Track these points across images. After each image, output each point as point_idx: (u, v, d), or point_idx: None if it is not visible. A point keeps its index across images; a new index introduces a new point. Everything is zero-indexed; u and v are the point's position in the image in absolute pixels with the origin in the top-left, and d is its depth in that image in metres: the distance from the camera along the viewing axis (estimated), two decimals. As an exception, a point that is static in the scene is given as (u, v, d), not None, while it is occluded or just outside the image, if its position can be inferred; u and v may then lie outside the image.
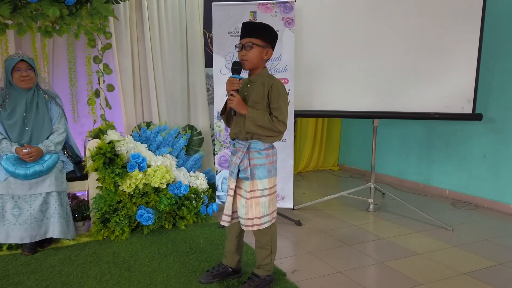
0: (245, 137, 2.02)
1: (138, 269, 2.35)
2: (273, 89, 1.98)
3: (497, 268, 2.45)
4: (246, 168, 2.01)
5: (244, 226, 2.02)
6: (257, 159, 2.01)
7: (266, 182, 2.02)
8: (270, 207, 2.04)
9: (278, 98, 1.97)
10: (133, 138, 3.20)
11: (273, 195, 2.07)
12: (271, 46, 2.03)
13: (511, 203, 3.57)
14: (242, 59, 1.99)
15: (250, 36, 1.97)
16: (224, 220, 2.07)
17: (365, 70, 3.37)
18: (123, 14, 3.51)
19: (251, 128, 1.95)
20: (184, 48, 3.85)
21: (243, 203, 2.01)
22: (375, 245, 2.83)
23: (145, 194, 2.92)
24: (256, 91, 2.01)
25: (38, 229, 2.60)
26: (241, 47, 2.00)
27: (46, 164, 2.62)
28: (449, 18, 3.25)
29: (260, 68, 2.04)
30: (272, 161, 2.06)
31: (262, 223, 2.01)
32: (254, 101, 1.99)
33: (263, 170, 2.01)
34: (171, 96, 3.80)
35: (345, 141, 5.63)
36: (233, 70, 2.00)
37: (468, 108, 3.31)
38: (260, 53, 1.99)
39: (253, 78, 2.05)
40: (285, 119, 1.99)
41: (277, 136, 2.03)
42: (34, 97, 2.80)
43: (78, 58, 3.50)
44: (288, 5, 3.10)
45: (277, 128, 1.95)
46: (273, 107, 1.98)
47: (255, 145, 2.02)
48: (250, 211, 2.00)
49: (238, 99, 1.96)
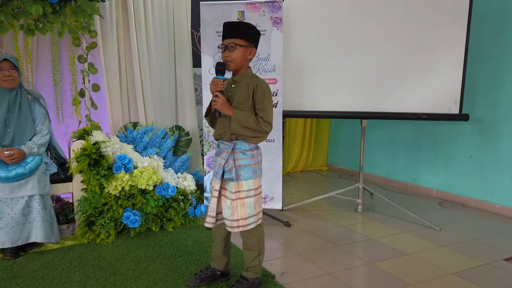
0: (229, 137, 1.99)
1: (124, 273, 2.30)
2: (258, 90, 1.95)
3: (484, 268, 2.47)
4: (231, 169, 1.98)
5: (229, 227, 1.99)
6: (242, 160, 1.98)
7: (251, 182, 1.99)
8: (255, 207, 2.01)
9: (263, 98, 1.95)
10: (119, 139, 3.14)
11: (258, 195, 2.04)
12: (254, 45, 2.01)
13: (497, 202, 3.61)
14: (226, 60, 1.97)
15: (233, 37, 1.95)
16: (208, 222, 2.04)
17: (353, 71, 3.37)
18: (108, 12, 3.44)
19: (237, 129, 1.92)
20: (171, 47, 3.80)
21: (228, 204, 1.99)
22: (363, 246, 2.82)
23: (132, 196, 2.87)
24: (240, 92, 1.98)
25: (20, 233, 2.53)
26: (224, 48, 1.97)
27: (29, 167, 2.55)
28: (436, 19, 3.27)
29: (244, 68, 2.02)
30: (257, 161, 2.04)
31: (248, 224, 1.99)
32: (239, 101, 1.97)
33: (248, 170, 1.99)
34: (158, 96, 3.75)
35: (333, 141, 5.64)
36: (217, 71, 1.97)
37: (455, 108, 3.33)
38: (244, 53, 1.97)
39: (237, 79, 2.02)
40: (271, 120, 1.97)
41: (262, 137, 2.01)
42: (17, 98, 2.72)
43: (63, 57, 3.42)
44: (276, 4, 3.08)
45: (263, 129, 1.93)
46: (258, 108, 1.95)
47: (240, 145, 1.99)
48: (236, 212, 1.97)
49: (222, 100, 1.93)
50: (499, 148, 3.59)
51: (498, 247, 2.80)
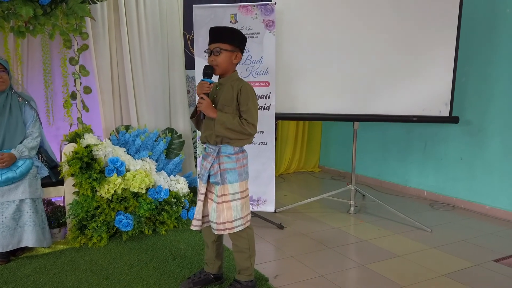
0: (215, 141, 2.00)
1: (116, 277, 2.29)
2: (242, 92, 1.97)
3: (474, 268, 2.50)
4: (216, 173, 1.99)
5: (215, 230, 2.00)
6: (227, 164, 1.99)
7: (237, 186, 2.00)
8: (243, 210, 2.02)
9: (247, 100, 1.97)
10: (111, 142, 3.13)
11: (245, 198, 2.05)
12: (240, 50, 2.03)
13: (487, 203, 3.66)
14: (212, 65, 1.98)
15: (218, 41, 1.97)
16: (194, 225, 2.05)
17: (345, 73, 3.39)
18: (100, 14, 3.43)
19: (221, 132, 1.93)
20: (164, 49, 3.79)
21: (214, 207, 2.00)
22: (356, 248, 2.84)
23: (124, 199, 2.86)
24: (225, 94, 2.00)
25: (11, 238, 2.50)
26: (210, 52, 1.98)
27: (19, 170, 2.53)
28: (426, 22, 3.30)
29: (230, 71, 2.04)
30: (243, 164, 2.05)
31: (234, 226, 1.99)
32: (223, 104, 1.98)
33: (234, 174, 2.00)
34: (150, 99, 3.73)
35: (325, 143, 5.66)
36: (204, 74, 1.99)
37: (445, 111, 3.37)
38: (229, 58, 1.98)
39: (223, 81, 2.04)
40: (255, 122, 1.98)
41: (247, 139, 2.02)
42: (7, 100, 2.69)
43: (54, 59, 3.39)
44: (268, 7, 3.09)
45: (247, 130, 1.94)
46: (242, 110, 1.97)
47: (225, 149, 2.00)
48: (222, 216, 1.98)
49: (207, 103, 1.94)
50: (488, 150, 3.64)
51: (487, 248, 2.84)
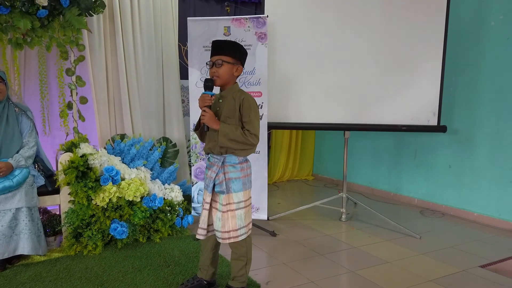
0: (219, 151, 2.06)
1: (111, 284, 2.33)
2: (244, 103, 2.04)
3: (461, 274, 2.57)
4: (221, 182, 2.05)
5: (220, 239, 2.05)
6: (232, 173, 2.05)
7: (241, 195, 2.06)
8: (246, 219, 2.08)
9: (249, 112, 2.03)
10: (107, 151, 3.18)
11: (248, 207, 2.11)
12: (241, 63, 2.10)
13: (475, 210, 3.74)
14: (213, 76, 2.05)
15: (220, 54, 2.04)
16: (199, 234, 2.10)
17: (336, 84, 3.48)
18: (96, 26, 3.50)
19: (224, 143, 1.99)
20: (159, 60, 3.87)
21: (219, 216, 2.05)
22: (346, 254, 2.90)
23: (119, 207, 2.90)
24: (227, 106, 2.06)
25: (7, 246, 2.54)
26: (212, 64, 2.05)
27: (16, 179, 2.58)
28: (415, 36, 3.41)
29: (231, 83, 2.11)
30: (247, 174, 2.11)
31: (239, 235, 2.05)
32: (226, 115, 2.04)
33: (238, 183, 2.06)
34: (145, 108, 3.80)
35: (319, 151, 5.75)
36: (205, 87, 2.06)
37: (434, 120, 3.47)
38: (230, 70, 2.05)
39: (224, 93, 2.10)
40: (257, 132, 2.05)
41: (251, 149, 2.08)
42: (4, 110, 2.75)
43: (50, 70, 3.45)
44: (261, 20, 3.18)
45: (250, 141, 2.01)
46: (245, 121, 2.03)
47: (229, 159, 2.06)
48: (227, 224, 2.03)
49: (210, 115, 2.01)
50: (475, 158, 3.73)
51: (474, 254, 2.92)
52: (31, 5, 2.94)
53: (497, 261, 2.79)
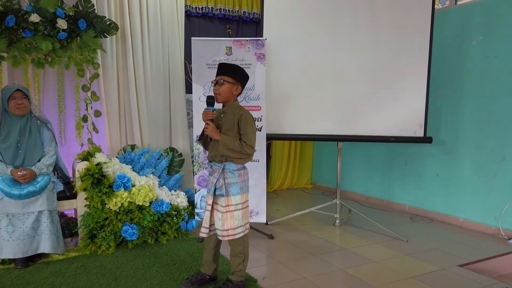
0: (220, 159, 2.35)
1: (124, 279, 2.61)
2: (242, 119, 2.34)
3: (439, 272, 2.82)
4: (221, 186, 2.34)
5: (220, 236, 2.34)
6: (230, 178, 2.34)
7: (239, 198, 2.35)
8: (243, 219, 2.36)
9: (246, 126, 2.33)
10: (119, 160, 3.48)
11: (245, 209, 2.40)
12: (241, 84, 2.41)
13: (460, 216, 3.99)
14: (216, 93, 2.36)
15: (223, 74, 2.36)
16: (202, 232, 2.38)
17: (329, 99, 3.77)
18: (109, 46, 3.84)
19: (224, 151, 2.29)
20: (166, 77, 4.19)
21: (219, 216, 2.33)
22: (337, 255, 3.17)
23: (130, 211, 3.19)
24: (228, 120, 2.36)
25: (30, 245, 2.83)
26: (215, 83, 2.36)
27: (39, 185, 2.87)
28: (401, 54, 3.69)
29: (231, 100, 2.41)
30: (244, 179, 2.40)
31: (236, 233, 2.33)
32: (227, 128, 2.35)
33: (236, 187, 2.34)
34: (153, 121, 4.12)
35: (317, 161, 6.02)
36: (208, 103, 2.37)
37: (420, 132, 3.73)
38: (230, 89, 2.36)
39: (226, 109, 2.41)
40: (253, 144, 2.35)
41: (247, 158, 2.37)
42: (27, 123, 3.05)
43: (67, 86, 3.77)
44: (260, 42, 3.50)
45: (246, 151, 2.30)
46: (242, 133, 2.33)
47: (229, 166, 2.35)
48: (226, 223, 2.32)
49: (212, 127, 2.31)
50: (460, 167, 4.00)
51: (455, 255, 3.17)
52: (52, 29, 3.29)
53: (475, 261, 3.04)
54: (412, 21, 3.69)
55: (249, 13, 5.19)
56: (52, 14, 3.27)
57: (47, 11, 3.26)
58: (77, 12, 3.40)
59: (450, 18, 4.09)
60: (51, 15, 3.27)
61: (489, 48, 3.76)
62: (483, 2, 3.82)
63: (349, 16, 3.73)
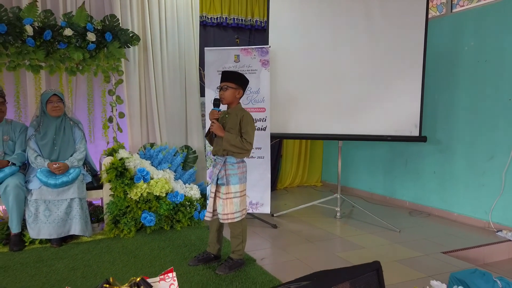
0: (222, 153, 2.74)
1: (142, 257, 3.03)
2: (243, 119, 2.72)
3: (422, 257, 3.11)
4: (223, 177, 2.73)
5: (221, 219, 2.73)
6: (230, 170, 2.73)
7: (237, 187, 2.73)
8: (240, 205, 2.75)
9: (247, 125, 2.72)
10: (139, 156, 3.93)
11: (243, 196, 2.78)
12: (242, 89, 2.80)
13: (454, 211, 4.24)
14: (221, 97, 2.76)
15: (226, 81, 2.75)
16: (207, 216, 2.78)
17: (330, 100, 4.11)
18: (132, 55, 4.31)
19: (226, 147, 2.68)
20: (182, 82, 4.64)
21: (221, 202, 2.73)
22: (332, 242, 3.50)
23: (148, 201, 3.63)
24: (231, 120, 2.75)
25: (63, 227, 3.30)
26: (220, 88, 2.76)
27: (71, 176, 3.35)
28: (398, 59, 3.97)
29: (234, 103, 2.80)
30: (243, 171, 2.78)
31: (235, 217, 2.72)
32: (230, 127, 2.74)
33: (235, 178, 2.73)
34: (171, 121, 4.57)
35: (327, 160, 6.34)
36: (214, 104, 2.77)
37: (415, 131, 4.01)
38: (233, 93, 2.75)
39: (230, 111, 2.80)
40: (252, 141, 2.73)
41: (246, 152, 2.75)
42: (62, 123, 3.54)
43: (95, 91, 4.26)
44: (264, 49, 3.88)
45: (245, 147, 2.69)
46: (243, 132, 2.72)
47: (229, 159, 2.74)
48: (226, 208, 2.71)
49: (217, 125, 2.71)
50: (454, 165, 4.25)
51: (442, 244, 3.44)
52: (83, 41, 3.77)
53: (459, 249, 3.31)
54: (408, 28, 3.96)
55: (261, 22, 5.58)
56: (83, 28, 3.76)
57: (79, 26, 3.75)
58: (104, 26, 3.88)
59: (446, 24, 4.36)
60: (82, 29, 3.75)
61: (480, 53, 4.01)
62: (474, 10, 4.07)
63: (348, 23, 4.05)
